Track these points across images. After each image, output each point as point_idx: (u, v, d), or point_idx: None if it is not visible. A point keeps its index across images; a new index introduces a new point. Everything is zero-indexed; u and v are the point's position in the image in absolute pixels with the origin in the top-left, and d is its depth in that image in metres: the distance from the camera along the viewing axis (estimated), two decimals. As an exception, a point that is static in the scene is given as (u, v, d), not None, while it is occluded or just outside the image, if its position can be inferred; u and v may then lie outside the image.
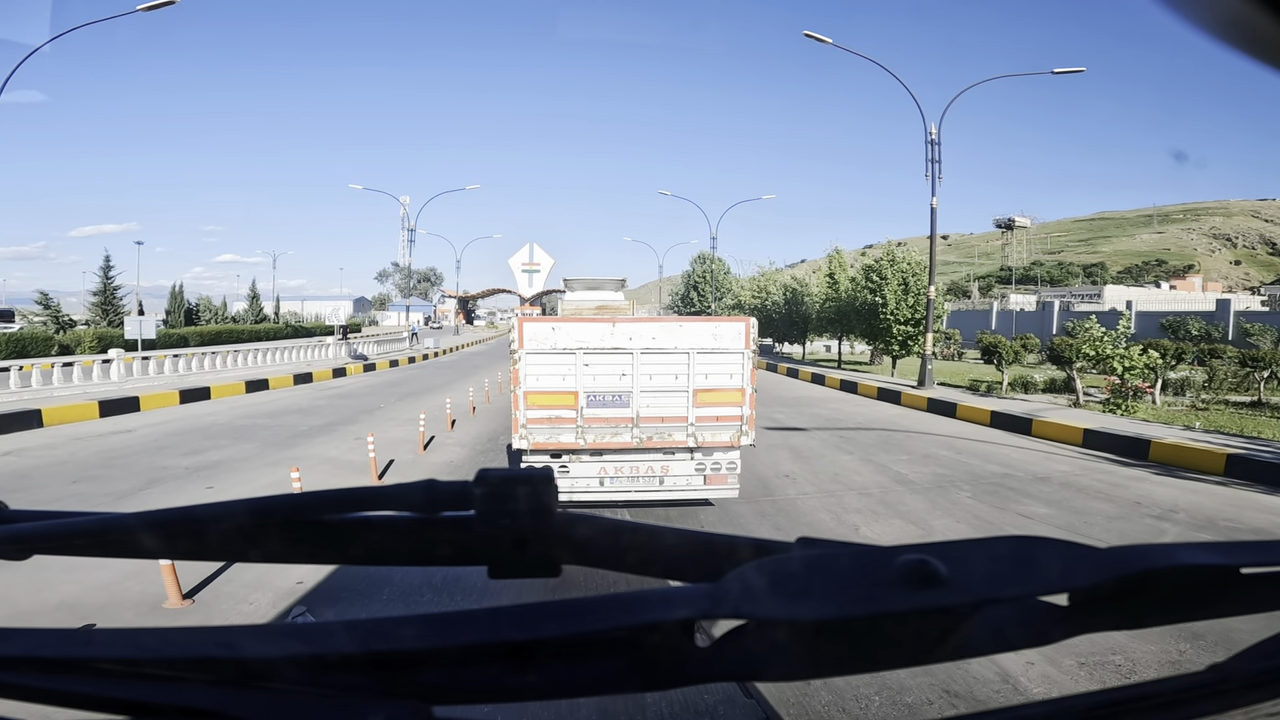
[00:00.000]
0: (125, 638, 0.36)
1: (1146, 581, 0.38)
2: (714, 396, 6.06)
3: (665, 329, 6.05)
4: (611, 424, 6.01)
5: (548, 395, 5.94)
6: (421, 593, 4.68)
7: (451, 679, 0.36)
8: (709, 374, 6.04)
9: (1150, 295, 57.51)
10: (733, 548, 0.44)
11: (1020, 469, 9.25)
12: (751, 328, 6.12)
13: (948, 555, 0.36)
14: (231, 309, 50.87)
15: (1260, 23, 0.34)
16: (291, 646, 0.36)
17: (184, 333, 35.53)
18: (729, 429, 6.13)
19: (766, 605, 0.34)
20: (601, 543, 0.44)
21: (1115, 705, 0.40)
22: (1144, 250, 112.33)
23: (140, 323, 18.46)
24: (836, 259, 27.14)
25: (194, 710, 0.35)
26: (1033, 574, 0.36)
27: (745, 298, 36.32)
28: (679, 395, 6.02)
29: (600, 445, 6.06)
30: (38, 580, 4.73)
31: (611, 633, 0.35)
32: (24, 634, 0.37)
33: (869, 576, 0.35)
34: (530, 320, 6.21)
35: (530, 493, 0.42)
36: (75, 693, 0.36)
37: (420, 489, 0.43)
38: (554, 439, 6.02)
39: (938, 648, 0.36)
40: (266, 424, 12.49)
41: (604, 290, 11.46)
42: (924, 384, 16.94)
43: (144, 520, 0.45)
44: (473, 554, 0.43)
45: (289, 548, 0.45)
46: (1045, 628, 0.39)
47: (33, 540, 0.48)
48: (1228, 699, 0.41)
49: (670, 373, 6.00)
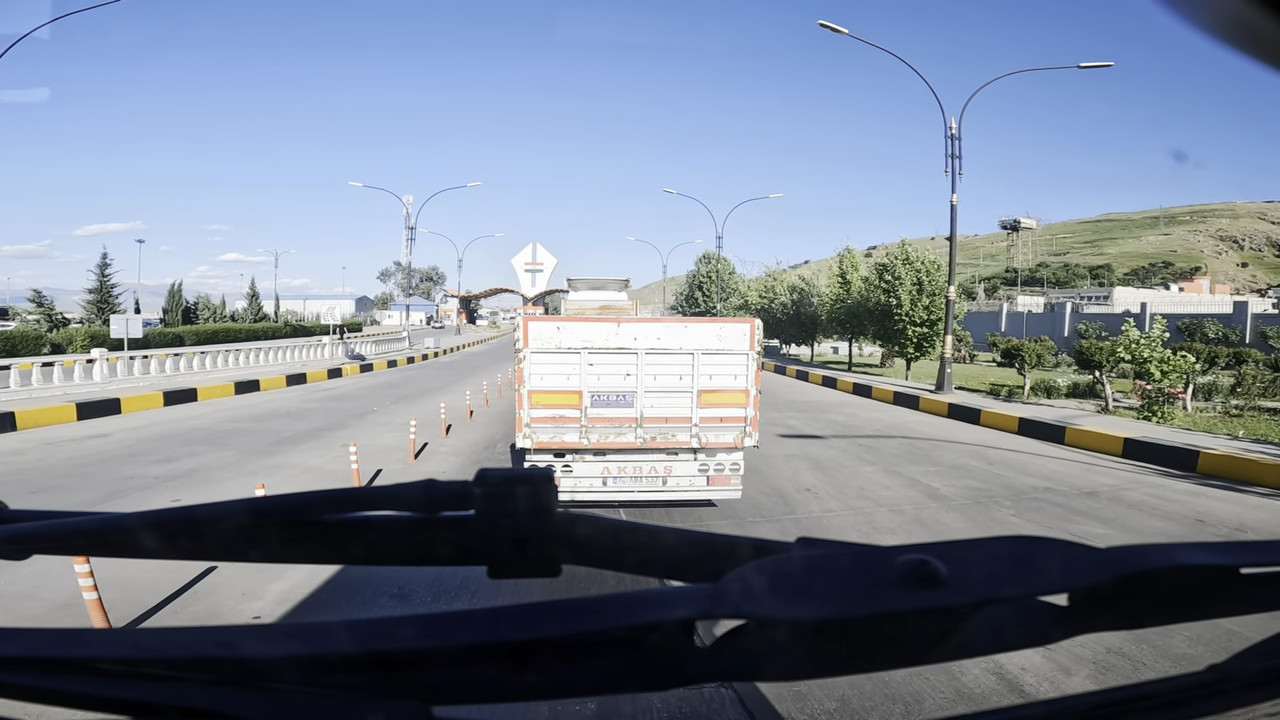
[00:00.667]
0: (125, 638, 0.36)
1: (1146, 581, 0.38)
2: (718, 398, 5.99)
3: (670, 329, 5.98)
4: (615, 424, 5.94)
5: (552, 394, 5.88)
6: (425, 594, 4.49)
7: (451, 679, 0.36)
8: (713, 375, 5.97)
9: (1161, 297, 56.52)
10: (733, 548, 0.43)
11: (1063, 482, 8.51)
12: (757, 329, 6.04)
13: (947, 555, 0.36)
14: (232, 308, 50.30)
15: (1260, 23, 0.34)
16: (291, 646, 0.36)
17: (180, 331, 34.95)
18: (733, 430, 6.06)
19: (766, 605, 0.34)
20: (601, 543, 0.44)
21: (1115, 705, 0.40)
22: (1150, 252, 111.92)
23: (127, 321, 17.72)
24: (848, 258, 26.07)
25: (194, 710, 0.35)
26: (1032, 574, 0.36)
27: (752, 298, 35.42)
28: (683, 396, 5.96)
29: (604, 445, 5.99)
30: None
31: (611, 633, 0.35)
32: (24, 634, 0.36)
33: (869, 576, 0.35)
34: (535, 319, 6.07)
35: (530, 493, 0.42)
36: (75, 693, 0.35)
37: (420, 489, 0.43)
38: (558, 438, 5.96)
39: (937, 648, 0.36)
40: (250, 429, 11.79)
41: (607, 290, 11.29)
42: (943, 388, 16.14)
43: (144, 520, 0.44)
44: (472, 554, 0.43)
45: (288, 548, 0.45)
46: (1045, 628, 0.38)
47: (32, 540, 0.48)
48: (1228, 699, 0.41)
49: (675, 373, 5.94)
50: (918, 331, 20.59)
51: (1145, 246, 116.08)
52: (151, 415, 13.19)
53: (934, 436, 11.90)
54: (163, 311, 41.48)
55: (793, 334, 31.10)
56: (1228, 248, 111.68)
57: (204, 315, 44.29)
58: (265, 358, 23.42)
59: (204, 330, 36.46)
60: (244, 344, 27.21)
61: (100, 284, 36.12)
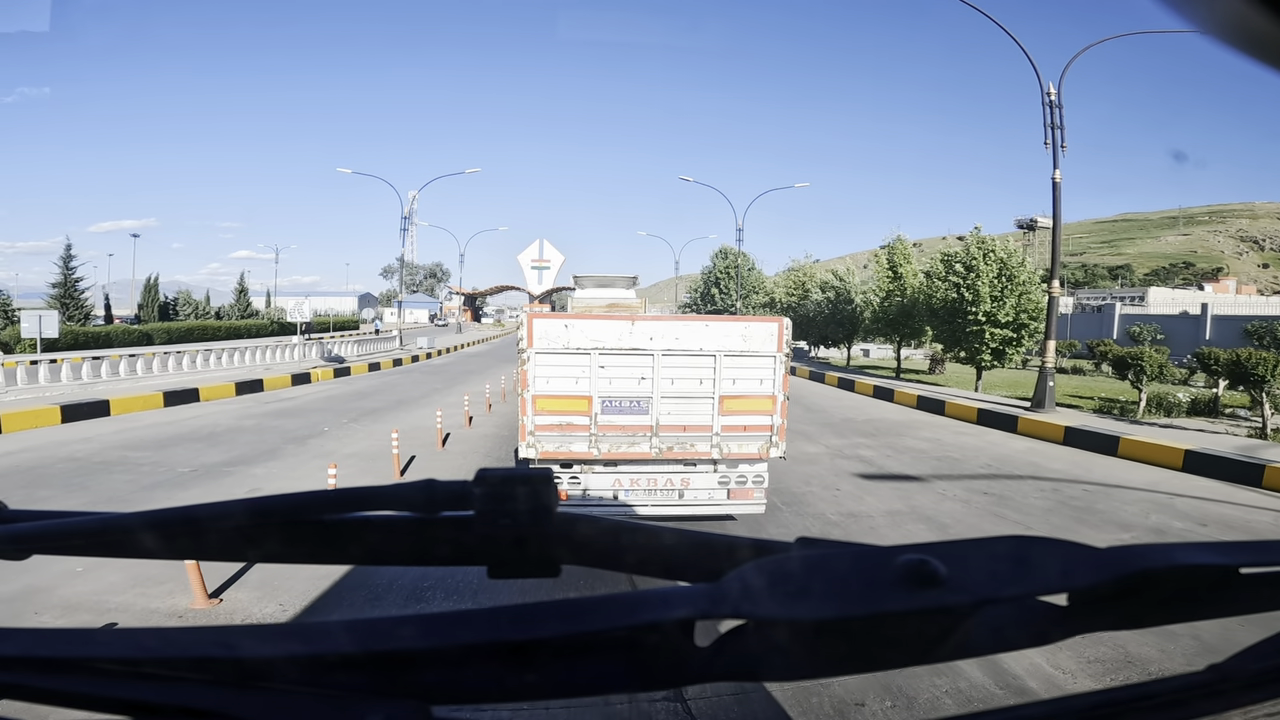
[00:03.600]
0: (125, 638, 0.36)
1: (1146, 581, 0.37)
2: (742, 404, 5.59)
3: (690, 329, 5.58)
4: (628, 432, 5.52)
5: (559, 400, 5.46)
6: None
7: (451, 679, 0.35)
8: (737, 379, 5.55)
9: (1197, 298, 52.92)
10: (732, 548, 0.43)
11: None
12: (786, 329, 5.64)
13: (947, 555, 0.35)
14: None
15: (1260, 23, 0.33)
16: (291, 646, 0.35)
17: (152, 329, 32.04)
18: (757, 440, 5.64)
19: (766, 605, 0.34)
20: (601, 543, 0.44)
21: (1115, 705, 0.40)
22: (1170, 252, 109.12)
23: (40, 319, 14.74)
24: (899, 248, 22.63)
25: (194, 710, 0.35)
26: (1032, 574, 0.36)
27: (779, 295, 32.07)
28: (703, 402, 5.54)
29: (615, 455, 5.56)
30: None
31: (611, 633, 0.35)
32: (24, 634, 0.36)
33: (869, 576, 0.35)
34: (541, 316, 5.52)
35: (530, 492, 0.42)
36: (75, 693, 0.35)
37: (420, 488, 0.42)
38: (565, 448, 5.52)
39: (937, 647, 0.36)
40: (142, 459, 8.71)
41: (615, 287, 10.85)
42: (1044, 405, 12.88)
43: (143, 520, 0.44)
44: (472, 554, 0.43)
45: (288, 548, 0.45)
46: (1044, 628, 0.38)
47: (32, 540, 0.47)
48: (1227, 699, 0.41)
49: (694, 377, 5.52)
50: (999, 335, 17.23)
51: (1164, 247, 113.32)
52: (34, 437, 10.13)
53: (1074, 476, 8.70)
54: (138, 308, 38.57)
55: (828, 335, 27.77)
56: (1248, 248, 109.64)
57: (184, 312, 41.36)
58: (224, 360, 20.40)
59: (178, 328, 33.46)
60: (213, 344, 24.50)
61: (65, 278, 33.21)
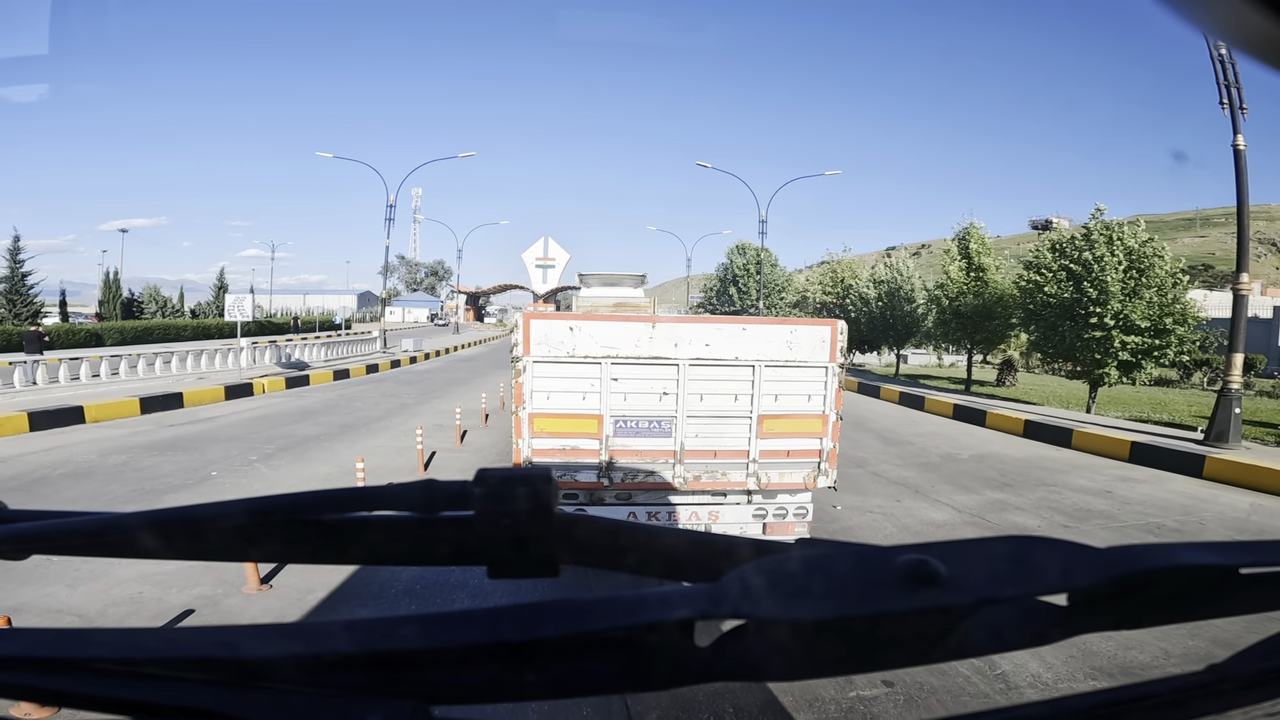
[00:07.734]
0: (125, 637, 0.36)
1: (1146, 581, 0.37)
2: (786, 425, 4.62)
3: (723, 333, 4.55)
4: (647, 458, 4.59)
5: (562, 419, 4.51)
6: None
7: (451, 679, 0.36)
8: (780, 394, 4.60)
9: (1225, 300, 48.99)
10: (732, 548, 0.43)
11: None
12: (840, 334, 4.63)
13: (947, 555, 0.35)
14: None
15: (1260, 23, 0.33)
16: (291, 646, 0.35)
17: (105, 328, 28.68)
18: (803, 467, 4.70)
19: (766, 605, 0.34)
20: (601, 543, 0.44)
21: (1115, 705, 0.40)
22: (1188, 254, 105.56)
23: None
24: (975, 235, 19.14)
25: (194, 710, 0.35)
26: (1032, 574, 0.36)
27: (814, 293, 28.38)
28: (739, 422, 4.59)
29: (631, 486, 4.61)
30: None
31: (611, 633, 0.35)
32: (24, 634, 0.36)
33: (868, 576, 0.35)
34: (539, 317, 4.47)
35: (529, 492, 0.42)
36: (75, 693, 0.35)
37: (419, 488, 0.42)
38: (569, 478, 4.56)
39: (936, 647, 0.36)
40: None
41: (622, 286, 10.23)
42: (1226, 438, 9.32)
43: (143, 520, 0.44)
44: (472, 554, 0.43)
45: (288, 548, 0.45)
46: (1044, 628, 0.38)
47: (31, 540, 0.47)
48: (1227, 699, 0.41)
49: (729, 392, 4.57)
50: (1135, 342, 13.62)
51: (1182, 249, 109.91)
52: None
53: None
54: (98, 304, 35.16)
55: (873, 339, 24.13)
56: (1266, 250, 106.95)
57: (151, 310, 37.96)
58: (156, 367, 17.14)
59: (133, 328, 30.14)
60: (173, 345, 22.09)
61: (12, 272, 29.81)
